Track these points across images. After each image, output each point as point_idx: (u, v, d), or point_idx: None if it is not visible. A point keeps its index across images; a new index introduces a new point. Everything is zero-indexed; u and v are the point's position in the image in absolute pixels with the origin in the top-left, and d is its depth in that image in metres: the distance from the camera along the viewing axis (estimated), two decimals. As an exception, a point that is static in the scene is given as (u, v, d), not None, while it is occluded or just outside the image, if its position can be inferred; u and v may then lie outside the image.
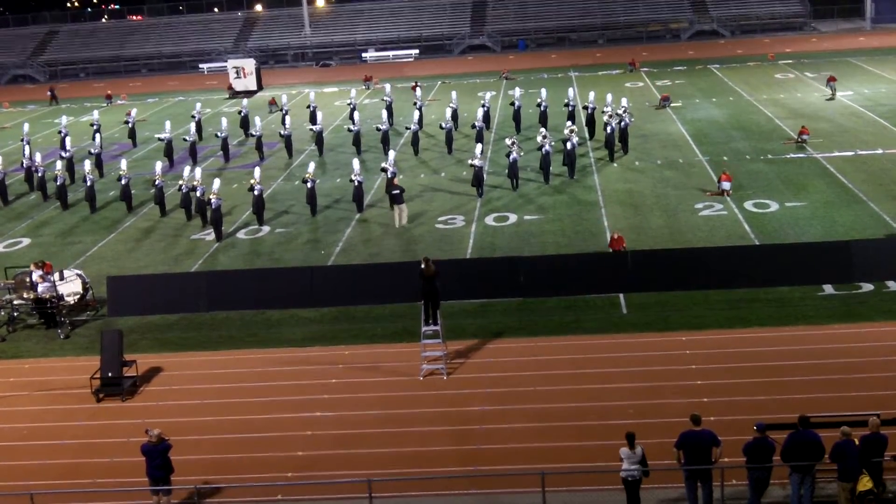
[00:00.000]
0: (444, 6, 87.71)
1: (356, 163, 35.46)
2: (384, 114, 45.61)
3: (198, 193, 33.94)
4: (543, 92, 45.87)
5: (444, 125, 42.70)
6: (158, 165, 37.43)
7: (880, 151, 37.68)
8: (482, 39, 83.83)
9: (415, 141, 42.29)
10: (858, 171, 35.05)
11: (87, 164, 38.14)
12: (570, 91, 46.66)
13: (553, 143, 37.52)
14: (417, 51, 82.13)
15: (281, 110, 50.22)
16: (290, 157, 43.42)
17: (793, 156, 37.99)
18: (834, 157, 37.12)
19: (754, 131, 42.89)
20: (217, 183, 33.66)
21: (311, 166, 35.35)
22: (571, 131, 37.75)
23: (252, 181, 33.57)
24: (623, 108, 41.18)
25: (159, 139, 44.40)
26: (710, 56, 68.70)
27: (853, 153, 37.64)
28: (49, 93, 69.30)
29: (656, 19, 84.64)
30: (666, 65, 65.96)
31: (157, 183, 35.69)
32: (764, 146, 39.83)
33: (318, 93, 56.99)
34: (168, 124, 45.30)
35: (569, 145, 36.64)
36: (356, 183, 33.92)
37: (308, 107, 48.46)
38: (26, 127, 47.36)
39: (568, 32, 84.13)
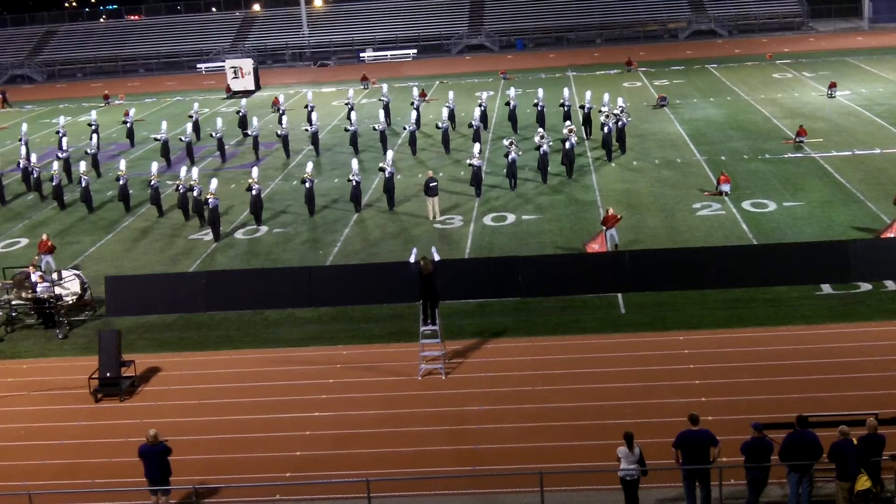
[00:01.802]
0: (441, 6, 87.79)
1: (355, 162, 35.51)
2: (381, 114, 45.62)
3: (195, 193, 33.96)
4: (540, 92, 45.99)
5: (440, 125, 42.75)
6: (154, 166, 37.31)
7: (878, 151, 37.71)
8: (480, 39, 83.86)
9: (412, 141, 42.30)
10: (856, 170, 35.09)
11: (83, 165, 38.11)
12: (566, 91, 46.62)
13: (551, 143, 37.57)
14: (415, 50, 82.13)
15: (278, 110, 50.28)
16: (287, 157, 43.43)
17: (790, 155, 38.02)
18: (831, 157, 37.16)
19: (752, 131, 42.93)
20: (214, 183, 33.62)
21: (310, 166, 35.38)
22: (570, 131, 37.81)
23: (250, 181, 33.61)
24: (620, 108, 41.23)
25: (156, 139, 44.42)
26: (707, 56, 68.75)
27: (851, 153, 37.68)
28: (0, 95, 69.19)
29: (654, 19, 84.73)
30: (664, 64, 66.01)
31: (152, 183, 35.62)
32: (762, 146, 39.87)
33: (316, 93, 56.97)
34: (164, 124, 45.27)
35: (567, 145, 36.66)
36: (354, 183, 33.97)
37: (306, 106, 48.51)
38: (24, 127, 47.35)
39: (566, 32, 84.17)
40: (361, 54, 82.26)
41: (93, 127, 48.25)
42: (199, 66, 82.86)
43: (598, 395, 19.80)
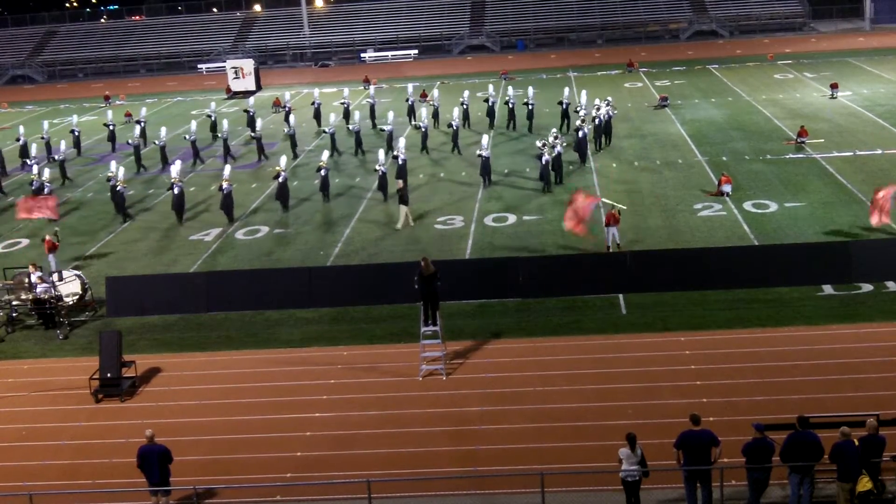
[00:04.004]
0: (443, 6, 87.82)
1: (381, 153, 36.12)
2: (357, 115, 45.70)
3: (175, 191, 34.43)
4: (510, 90, 48.12)
5: (421, 125, 42.89)
6: (121, 170, 36.49)
7: (879, 152, 37.68)
8: (481, 40, 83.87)
9: (390, 139, 42.43)
10: (857, 171, 35.06)
11: (47, 172, 37.44)
12: (530, 90, 47.31)
13: (565, 144, 37.86)
14: (416, 51, 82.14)
15: (284, 108, 50.41)
16: (259, 159, 43.27)
17: (792, 156, 38.01)
18: (833, 158, 37.13)
19: (753, 131, 42.92)
20: (228, 169, 35.11)
21: (325, 155, 36.77)
22: (582, 121, 39.51)
23: (277, 168, 35.12)
24: (606, 101, 42.92)
25: (128, 143, 44.45)
26: (709, 56, 68.76)
27: (852, 153, 37.66)
28: None
29: (655, 19, 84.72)
30: (665, 65, 66.01)
31: (118, 189, 35.22)
32: (763, 146, 39.85)
33: (320, 93, 56.95)
34: (137, 129, 45.03)
35: (580, 134, 38.28)
36: (381, 172, 34.67)
37: (312, 103, 49.15)
38: (45, 125, 48.06)
39: (567, 32, 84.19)
40: (362, 55, 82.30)
41: (110, 128, 48.05)
42: (199, 66, 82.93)
43: (598, 396, 19.79)
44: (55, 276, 26.44)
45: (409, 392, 20.66)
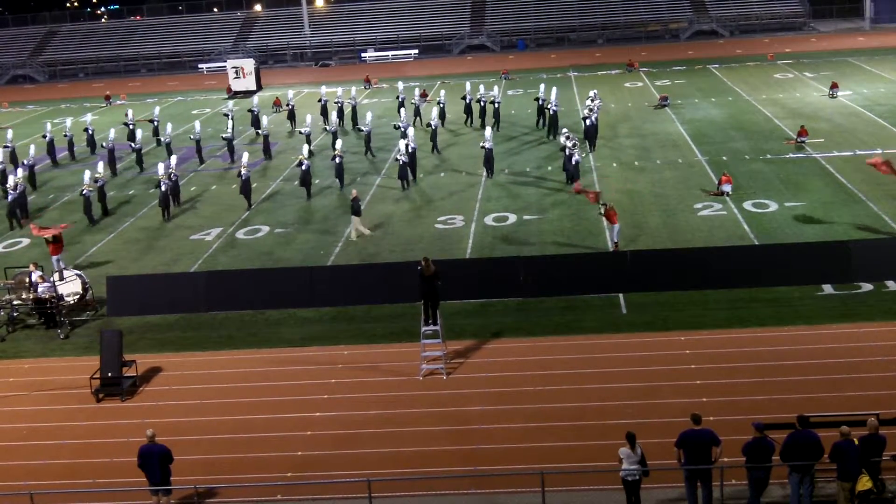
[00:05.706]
0: (443, 6, 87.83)
1: (402, 143, 37.06)
2: (334, 115, 46.67)
3: (162, 188, 35.01)
4: (482, 87, 49.83)
5: (400, 125, 42.95)
6: (87, 175, 36.14)
7: (879, 151, 37.65)
8: (481, 39, 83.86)
9: (367, 141, 42.58)
10: (857, 170, 35.04)
11: (11, 179, 36.79)
12: (496, 88, 48.79)
13: (576, 143, 37.93)
14: (417, 51, 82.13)
15: (287, 106, 50.44)
16: (230, 161, 43.21)
17: (792, 156, 38.01)
18: (833, 157, 37.14)
19: (753, 131, 42.92)
20: (246, 156, 37.04)
21: (339, 143, 37.93)
22: (590, 110, 41.22)
23: (300, 157, 36.98)
24: (594, 94, 44.33)
25: (103, 146, 44.44)
26: (709, 56, 68.73)
27: (852, 153, 37.67)
28: None
29: (656, 19, 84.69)
30: (665, 65, 65.99)
31: (84, 192, 35.06)
32: (763, 146, 39.86)
33: (315, 93, 56.92)
34: (112, 132, 44.94)
35: (588, 123, 40.48)
36: (401, 162, 36.05)
37: (319, 100, 49.75)
38: (68, 122, 48.52)
39: (567, 32, 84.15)
40: (363, 54, 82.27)
41: (130, 126, 47.94)
42: (200, 66, 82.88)
43: (599, 396, 19.81)
44: (56, 276, 26.47)
45: (409, 391, 20.68)
